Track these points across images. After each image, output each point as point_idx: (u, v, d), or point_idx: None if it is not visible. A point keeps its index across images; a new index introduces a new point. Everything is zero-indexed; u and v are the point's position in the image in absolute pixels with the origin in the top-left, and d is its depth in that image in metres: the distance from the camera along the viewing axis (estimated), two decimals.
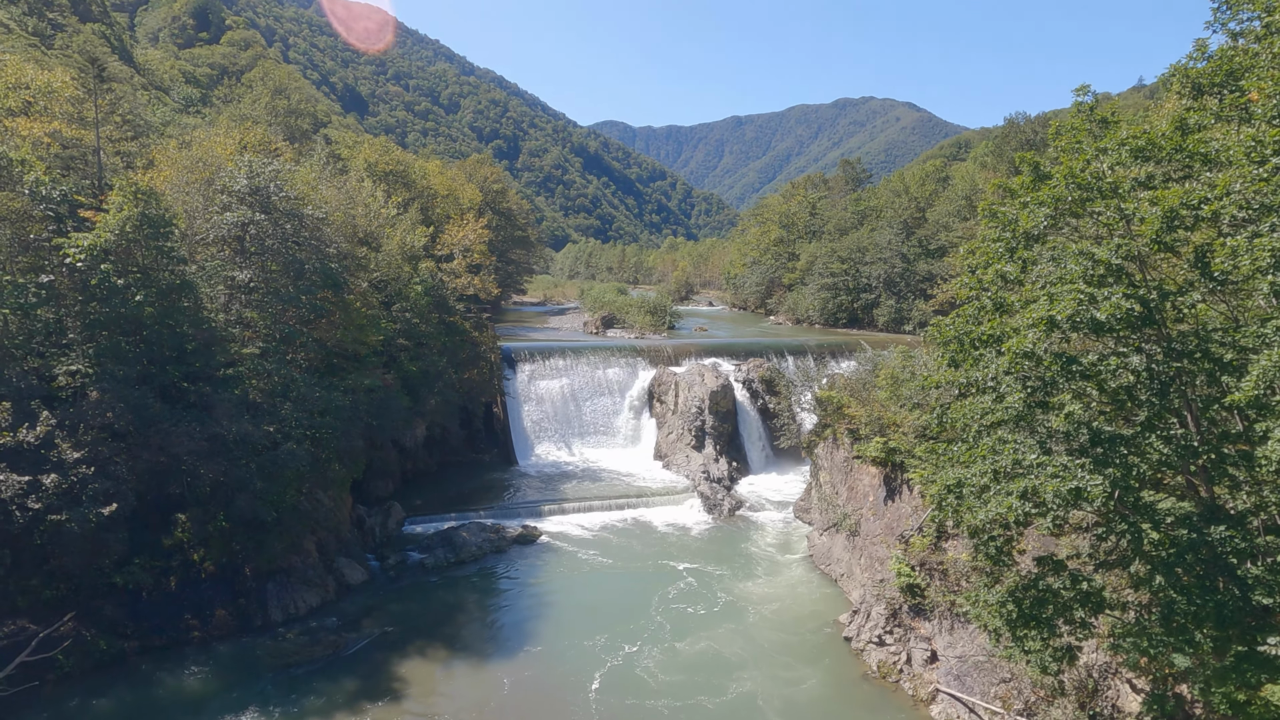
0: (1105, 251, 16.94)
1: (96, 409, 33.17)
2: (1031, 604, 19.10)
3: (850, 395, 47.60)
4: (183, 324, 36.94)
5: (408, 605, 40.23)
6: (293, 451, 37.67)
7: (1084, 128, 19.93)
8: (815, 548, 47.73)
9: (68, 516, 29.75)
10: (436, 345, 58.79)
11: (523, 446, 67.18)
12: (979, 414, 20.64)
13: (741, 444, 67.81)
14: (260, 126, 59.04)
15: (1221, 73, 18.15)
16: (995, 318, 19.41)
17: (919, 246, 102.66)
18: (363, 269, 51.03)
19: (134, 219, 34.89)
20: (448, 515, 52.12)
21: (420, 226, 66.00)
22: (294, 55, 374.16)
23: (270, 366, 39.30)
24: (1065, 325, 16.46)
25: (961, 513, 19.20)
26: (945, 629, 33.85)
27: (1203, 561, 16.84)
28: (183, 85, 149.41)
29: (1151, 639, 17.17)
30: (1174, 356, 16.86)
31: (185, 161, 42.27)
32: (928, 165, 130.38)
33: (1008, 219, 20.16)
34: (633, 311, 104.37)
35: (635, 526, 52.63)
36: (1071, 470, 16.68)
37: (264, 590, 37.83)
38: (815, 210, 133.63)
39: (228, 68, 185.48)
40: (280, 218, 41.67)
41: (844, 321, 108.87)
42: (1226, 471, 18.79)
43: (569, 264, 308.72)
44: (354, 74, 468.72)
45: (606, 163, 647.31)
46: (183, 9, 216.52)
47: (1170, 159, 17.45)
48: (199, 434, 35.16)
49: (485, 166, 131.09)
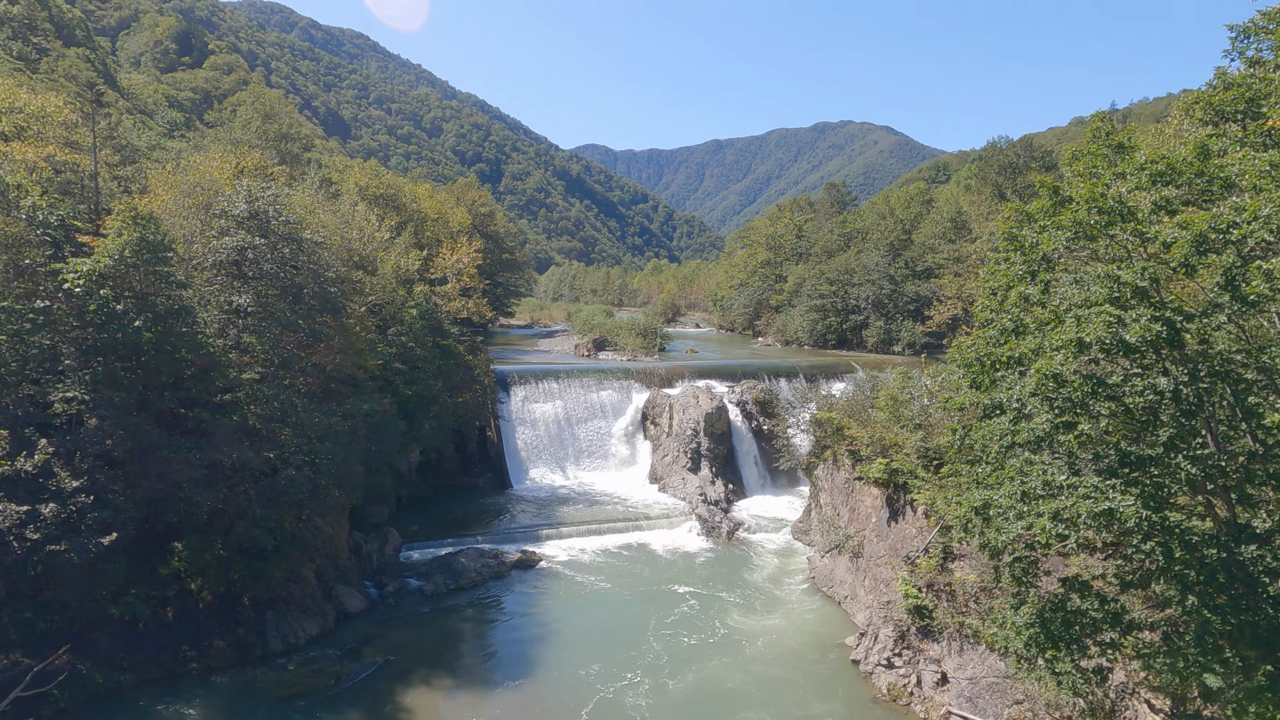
0: (1130, 274, 17.17)
1: (95, 436, 32.60)
2: (1060, 625, 19.10)
3: (850, 416, 47.75)
4: (181, 349, 36.44)
5: (408, 633, 39.60)
6: (293, 478, 37.15)
7: (1100, 152, 20.28)
8: (816, 570, 47.58)
9: (67, 547, 29.14)
10: (431, 369, 58.42)
11: (517, 470, 66.73)
12: (998, 435, 20.75)
13: (737, 466, 67.72)
14: (257, 150, 58.84)
15: (1243, 100, 18.57)
16: (1017, 340, 19.59)
17: (906, 268, 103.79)
18: (359, 293, 50.75)
19: (133, 244, 34.50)
20: (445, 541, 51.55)
21: (414, 250, 65.85)
22: (276, 79, 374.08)
23: (269, 392, 38.84)
24: (1095, 347, 16.63)
25: (988, 534, 19.21)
26: (955, 650, 33.76)
27: (1235, 580, 16.95)
28: (166, 109, 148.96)
29: (1187, 659, 17.23)
30: (1200, 377, 17.06)
31: (183, 186, 41.95)
32: (911, 188, 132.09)
33: (1028, 242, 20.40)
34: (624, 334, 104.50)
35: (635, 550, 52.27)
36: (1103, 491, 16.78)
37: (263, 620, 37.10)
38: (802, 233, 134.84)
39: (210, 92, 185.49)
40: (278, 242, 41.40)
41: (833, 343, 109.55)
42: (1245, 491, 18.96)
43: (553, 286, 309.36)
44: (336, 98, 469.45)
45: (589, 186, 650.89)
46: (165, 33, 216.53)
47: (1190, 183, 17.78)
48: (199, 461, 34.62)
49: (473, 190, 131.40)
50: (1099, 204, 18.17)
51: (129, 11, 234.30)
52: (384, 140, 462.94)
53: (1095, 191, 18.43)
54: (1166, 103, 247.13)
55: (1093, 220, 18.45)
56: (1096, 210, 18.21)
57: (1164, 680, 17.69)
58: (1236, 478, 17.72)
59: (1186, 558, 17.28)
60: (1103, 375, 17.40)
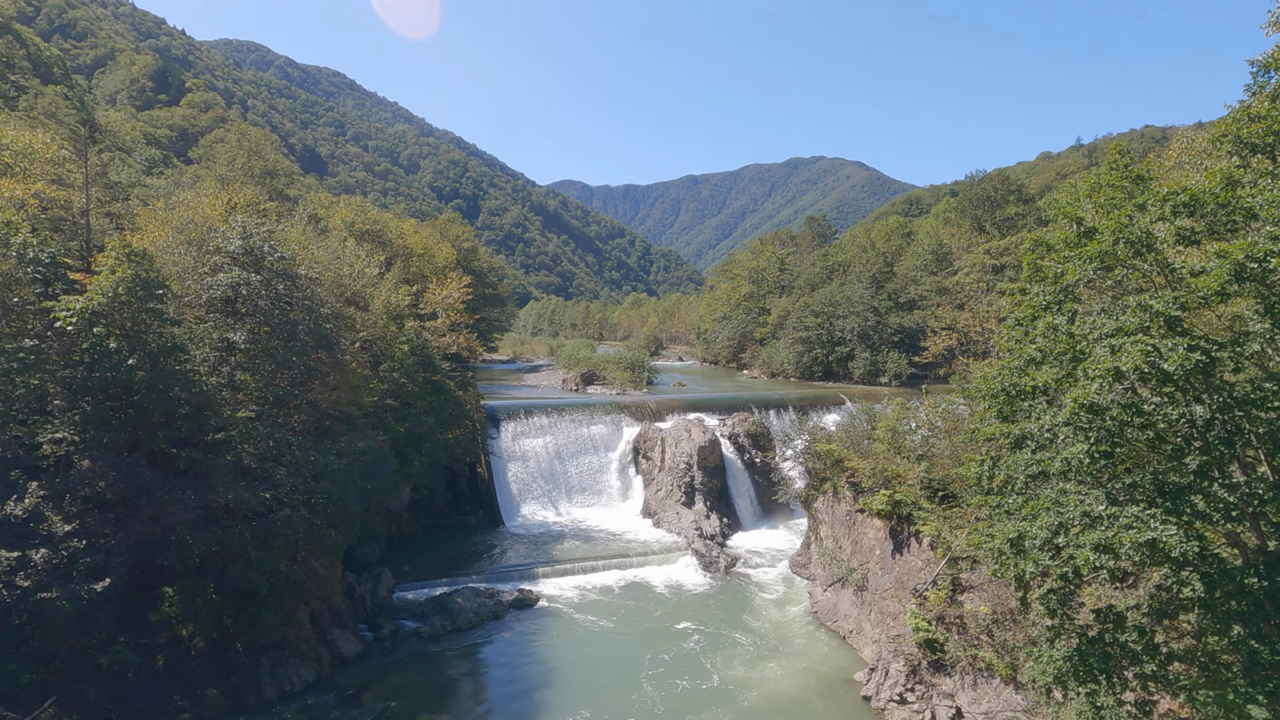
0: (1161, 303, 17.26)
1: (85, 478, 31.53)
2: (1100, 658, 18.83)
3: (849, 448, 47.61)
4: (174, 388, 35.56)
5: (407, 678, 38.45)
6: (289, 518, 36.17)
7: (1120, 184, 20.53)
8: (819, 604, 47.03)
9: (58, 594, 27.98)
10: (423, 405, 57.65)
11: (509, 507, 65.73)
12: (1025, 465, 20.65)
13: (731, 499, 67.23)
14: (249, 187, 58.33)
15: (1270, 132, 18.93)
16: (1037, 369, 19.59)
17: (890, 300, 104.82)
18: (351, 329, 50.10)
19: (128, 280, 33.79)
20: (439, 580, 50.42)
21: (404, 285, 65.37)
22: (253, 117, 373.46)
23: (264, 430, 37.94)
24: (1133, 376, 16.63)
25: (1022, 566, 18.98)
26: (968, 684, 33.34)
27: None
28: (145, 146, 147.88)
29: (1237, 690, 17.02)
30: (1236, 405, 17.11)
31: (175, 222, 41.34)
32: (890, 221, 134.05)
33: (1052, 272, 20.52)
34: (611, 368, 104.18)
35: (634, 587, 51.42)
36: (1144, 520, 16.66)
37: (257, 666, 35.86)
38: (784, 265, 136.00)
39: (188, 129, 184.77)
40: (273, 278, 40.82)
41: (820, 374, 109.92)
42: (1269, 517, 18.97)
43: (532, 321, 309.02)
44: (313, 135, 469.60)
45: (566, 221, 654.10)
46: (141, 71, 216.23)
47: (1214, 214, 18.00)
48: (193, 502, 33.64)
49: (456, 225, 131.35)
50: (1126, 234, 18.32)
51: (105, 50, 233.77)
52: (361, 177, 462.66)
53: (1121, 222, 18.60)
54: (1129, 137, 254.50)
55: (1119, 251, 18.59)
56: (1124, 241, 18.37)
57: (1209, 714, 17.41)
58: (1272, 506, 17.69)
59: (1229, 587, 17.15)
60: (1139, 404, 17.36)
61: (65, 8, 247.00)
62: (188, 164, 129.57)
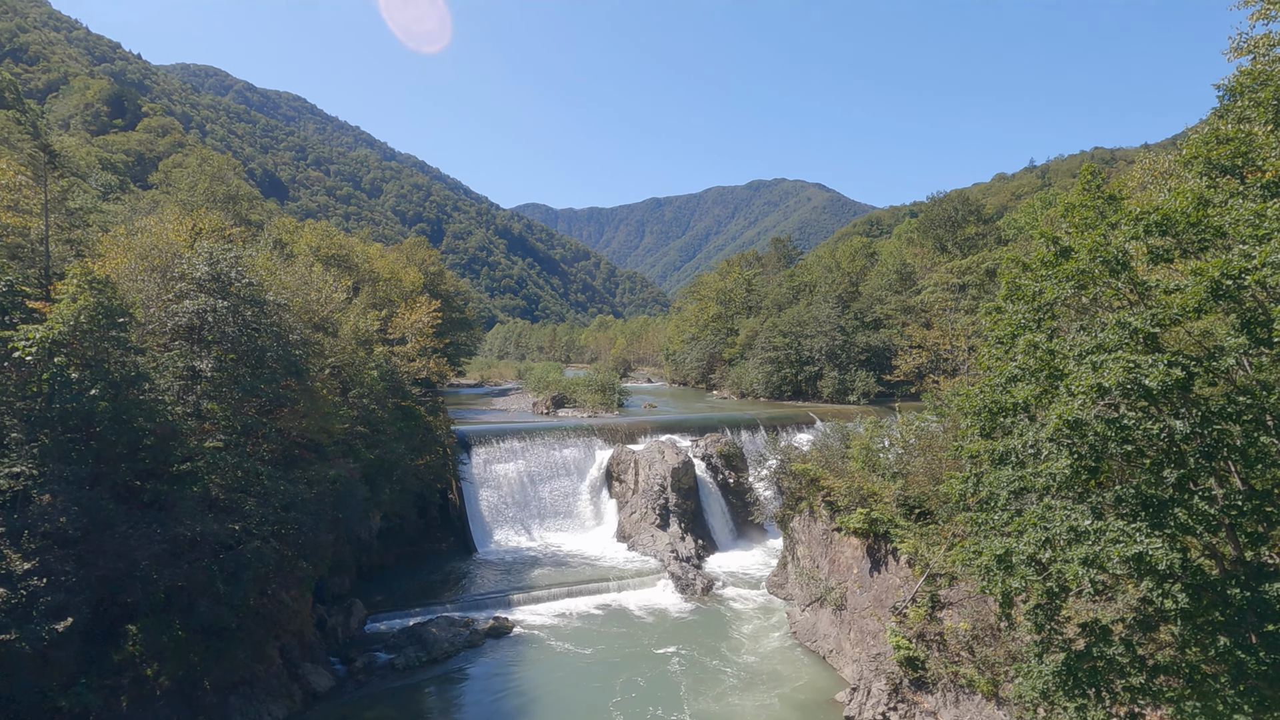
0: (1140, 320, 17.65)
1: (46, 514, 30.39)
2: (1088, 672, 18.98)
3: (824, 467, 47.80)
4: (138, 418, 34.54)
5: (381, 712, 37.47)
6: (258, 550, 35.27)
7: (1093, 205, 21.03)
8: (797, 624, 46.92)
9: (17, 635, 26.81)
10: (393, 431, 56.80)
11: (481, 533, 64.81)
12: (1008, 482, 20.87)
13: (706, 521, 67.05)
14: (214, 212, 57.30)
15: (1239, 155, 19.55)
16: (1026, 386, 19.87)
17: (856, 319, 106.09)
18: (320, 355, 49.26)
19: (90, 309, 32.87)
20: (412, 610, 49.41)
21: (372, 310, 64.58)
22: (212, 141, 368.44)
23: (231, 460, 37.00)
24: (1116, 392, 16.93)
25: (1010, 582, 19.10)
26: (950, 701, 33.40)
27: (1265, 619, 17.12)
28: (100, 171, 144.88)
29: (1225, 700, 17.23)
30: (1215, 419, 17.50)
31: (138, 248, 40.39)
32: (854, 241, 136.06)
33: (1031, 291, 20.90)
34: (582, 390, 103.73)
35: (611, 612, 50.85)
36: (1130, 534, 16.90)
37: (226, 705, 34.69)
38: (751, 286, 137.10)
39: (145, 154, 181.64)
40: (240, 304, 40.01)
41: (789, 394, 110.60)
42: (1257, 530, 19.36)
43: (498, 344, 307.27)
44: (273, 159, 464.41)
45: (530, 244, 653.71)
46: (96, 96, 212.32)
47: (1185, 233, 18.50)
48: (158, 536, 32.58)
49: (423, 249, 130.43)
50: (1102, 254, 18.74)
51: (58, 74, 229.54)
52: (323, 201, 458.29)
53: (1097, 241, 19.04)
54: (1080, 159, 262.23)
55: (1095, 270, 19.01)
56: (1100, 260, 18.78)
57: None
58: (1249, 518, 18.07)
59: (1211, 599, 17.42)
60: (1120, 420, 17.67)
61: (17, 31, 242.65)
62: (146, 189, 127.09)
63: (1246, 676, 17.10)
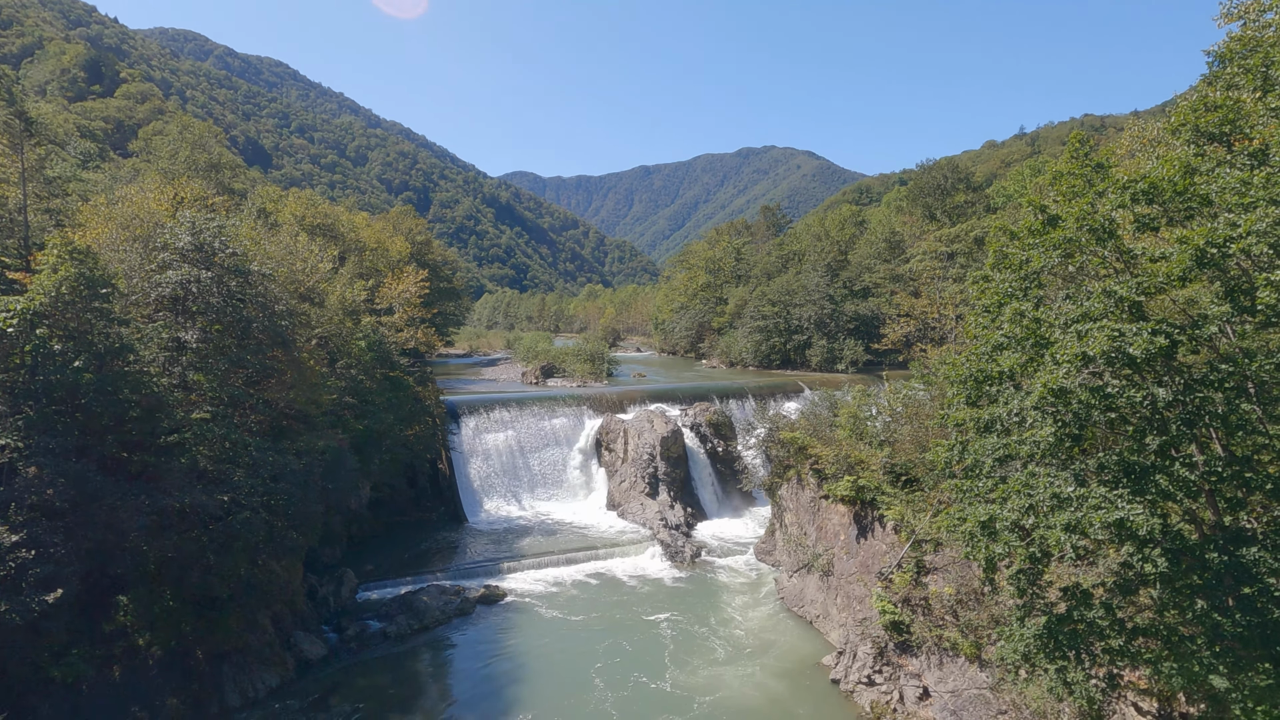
0: (1125, 289, 17.74)
1: (33, 486, 30.29)
2: (1069, 635, 19.38)
3: (812, 435, 48.11)
4: (123, 389, 34.34)
5: (375, 679, 37.86)
6: (248, 521, 35.28)
7: (1080, 173, 21.00)
8: (785, 590, 47.55)
9: (8, 607, 26.87)
10: (382, 401, 56.70)
11: (471, 503, 65.10)
12: (994, 449, 21.07)
13: (694, 489, 67.55)
14: (196, 181, 56.49)
15: (1226, 121, 19.51)
16: (1012, 355, 19.99)
17: (845, 288, 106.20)
18: (307, 325, 48.96)
19: (71, 279, 32.49)
20: (403, 579, 49.75)
21: (359, 280, 64.12)
22: (192, 108, 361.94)
23: (219, 431, 36.91)
24: (1101, 361, 17.07)
25: (993, 549, 19.39)
26: (935, 664, 34.01)
27: (1240, 582, 17.49)
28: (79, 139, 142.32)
29: (1201, 662, 17.65)
30: (1198, 386, 17.70)
31: (119, 218, 39.82)
32: (844, 210, 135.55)
33: (1018, 259, 20.95)
34: (571, 360, 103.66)
35: (600, 579, 51.37)
36: (1112, 501, 17.15)
37: (219, 673, 34.99)
38: (740, 255, 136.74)
39: (124, 121, 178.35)
40: (224, 274, 39.63)
41: (778, 363, 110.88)
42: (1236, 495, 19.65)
43: (487, 314, 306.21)
44: (256, 127, 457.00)
45: (519, 213, 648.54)
46: (73, 61, 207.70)
47: (1171, 202, 18.53)
48: (146, 507, 32.57)
49: (409, 219, 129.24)
50: (1089, 222, 18.77)
51: (33, 39, 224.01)
52: (307, 169, 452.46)
53: (1084, 210, 19.05)
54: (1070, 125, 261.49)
55: (1082, 239, 19.05)
56: (1087, 229, 18.81)
57: (1174, 685, 18.05)
58: (1229, 484, 18.35)
59: (1189, 563, 17.75)
60: (1103, 388, 17.84)
61: None
62: (125, 157, 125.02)
63: (1223, 638, 17.51)
